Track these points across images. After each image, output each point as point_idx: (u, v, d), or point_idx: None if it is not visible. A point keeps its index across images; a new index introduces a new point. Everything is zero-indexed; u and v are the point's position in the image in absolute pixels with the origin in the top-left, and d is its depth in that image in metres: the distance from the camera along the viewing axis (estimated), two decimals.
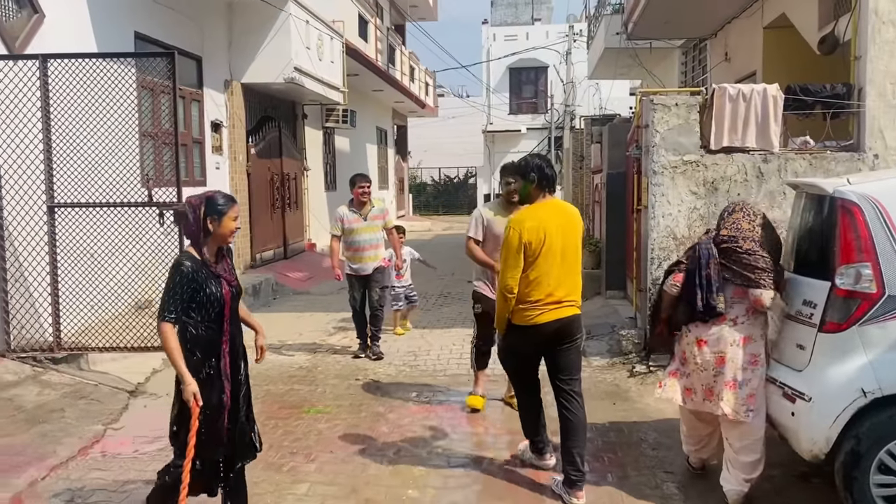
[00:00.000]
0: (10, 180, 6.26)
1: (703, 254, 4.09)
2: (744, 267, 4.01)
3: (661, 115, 6.88)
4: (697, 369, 4.16)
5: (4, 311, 6.29)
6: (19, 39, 6.91)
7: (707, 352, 4.09)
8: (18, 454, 4.79)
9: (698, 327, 4.11)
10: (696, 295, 4.04)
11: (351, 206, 7.46)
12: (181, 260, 3.49)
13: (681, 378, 4.30)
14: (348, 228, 7.36)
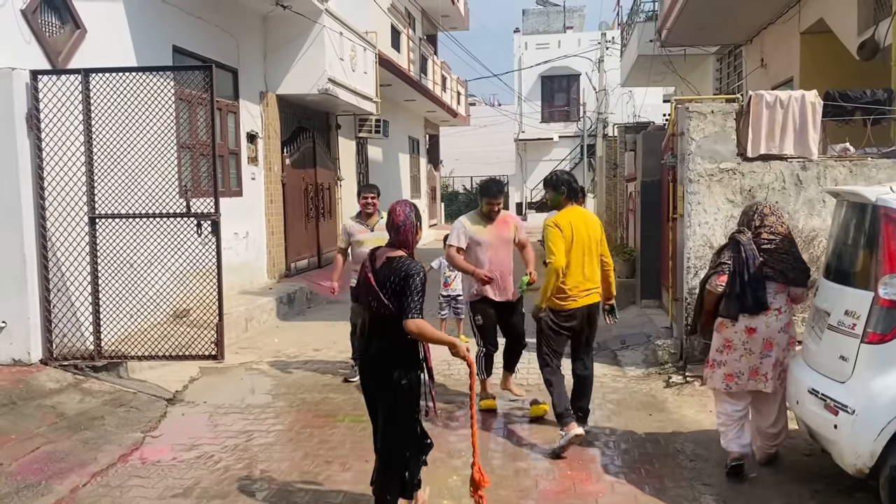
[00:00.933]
0: (52, 192, 6.41)
1: (749, 254, 4.54)
2: (786, 267, 4.54)
3: (696, 123, 6.81)
4: (746, 354, 4.61)
5: (47, 320, 6.43)
6: (62, 54, 7.08)
7: (758, 338, 4.58)
8: (61, 461, 4.88)
9: (747, 318, 4.56)
10: (746, 292, 4.51)
11: (358, 217, 7.05)
12: (421, 268, 3.78)
13: (718, 367, 4.71)
14: (355, 241, 6.88)
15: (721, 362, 4.68)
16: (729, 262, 4.57)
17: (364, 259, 4.05)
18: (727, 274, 4.55)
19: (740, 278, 4.51)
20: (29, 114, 6.32)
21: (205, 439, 5.42)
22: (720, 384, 4.71)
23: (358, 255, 6.82)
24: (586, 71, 31.08)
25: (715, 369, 4.72)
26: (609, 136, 19.03)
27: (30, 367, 6.29)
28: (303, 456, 5.07)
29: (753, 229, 4.64)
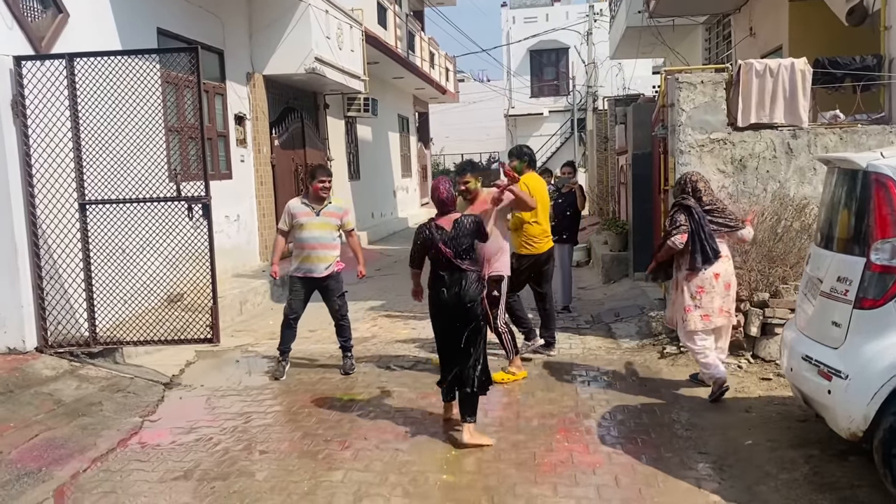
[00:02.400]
0: (41, 179, 6.36)
1: (699, 216, 5.48)
2: (725, 219, 5.59)
3: (686, 94, 6.79)
4: (717, 296, 5.51)
5: (41, 308, 6.41)
6: (45, 39, 6.98)
7: (721, 281, 5.53)
8: (60, 447, 4.89)
9: (711, 266, 5.47)
10: (705, 246, 5.43)
11: (305, 198, 6.55)
12: None
13: (695, 310, 5.54)
14: (297, 223, 6.41)
15: (697, 306, 5.52)
16: (686, 224, 5.46)
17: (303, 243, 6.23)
18: (686, 234, 5.44)
19: (698, 236, 5.44)
20: (14, 100, 6.25)
21: (203, 422, 5.43)
22: (700, 324, 5.52)
23: (299, 239, 6.45)
24: (575, 44, 30.92)
25: (691, 312, 5.53)
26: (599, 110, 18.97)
27: (25, 356, 6.29)
28: (302, 436, 5.10)
29: (691, 195, 5.60)
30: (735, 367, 6.24)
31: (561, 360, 6.76)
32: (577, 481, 4.25)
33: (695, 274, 5.49)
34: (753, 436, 4.82)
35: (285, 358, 6.58)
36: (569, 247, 8.72)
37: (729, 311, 5.62)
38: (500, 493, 4.14)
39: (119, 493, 4.29)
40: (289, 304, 6.56)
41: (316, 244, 6.42)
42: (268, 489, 4.26)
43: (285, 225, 6.54)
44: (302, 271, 6.47)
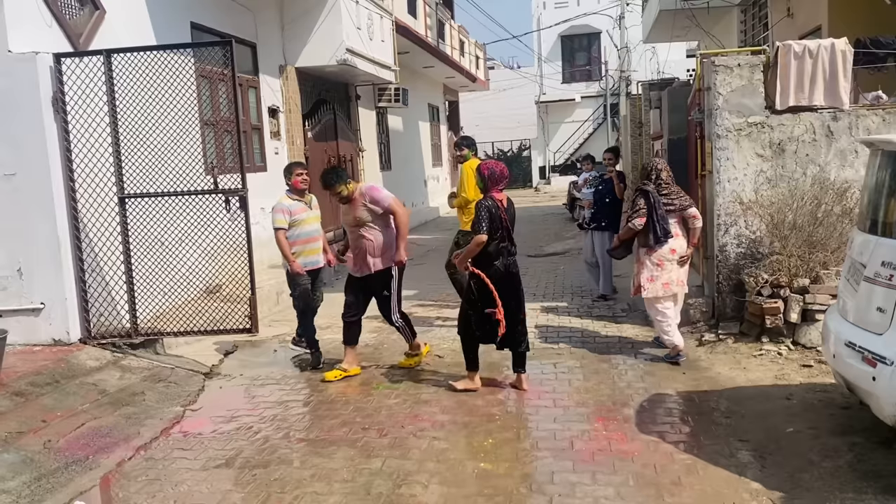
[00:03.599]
0: (81, 174, 6.48)
1: (656, 200, 6.16)
2: (680, 202, 6.25)
3: (723, 77, 6.69)
4: (675, 268, 6.25)
5: (84, 300, 6.55)
6: (83, 36, 7.11)
7: (676, 256, 6.23)
8: (105, 436, 5.01)
9: (668, 242, 6.17)
10: (657, 227, 6.13)
11: (292, 194, 6.64)
12: None
13: (657, 280, 6.24)
14: (296, 219, 6.55)
15: (658, 276, 6.24)
16: (645, 208, 6.15)
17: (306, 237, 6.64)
18: (645, 216, 6.13)
19: (651, 218, 6.13)
20: (54, 97, 6.37)
21: (243, 411, 5.52)
22: (661, 292, 6.25)
23: (301, 234, 6.60)
24: (607, 28, 30.56)
25: (654, 282, 6.25)
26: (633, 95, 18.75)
27: (70, 347, 6.44)
28: (340, 424, 5.15)
29: (653, 181, 6.26)
30: (775, 354, 6.16)
31: (597, 348, 6.72)
32: (616, 469, 4.24)
33: (653, 250, 6.19)
34: (795, 423, 4.75)
35: (317, 347, 6.72)
36: (609, 234, 8.63)
37: (682, 281, 6.39)
38: (537, 481, 4.15)
39: (163, 481, 4.38)
40: (310, 295, 6.74)
41: (317, 236, 6.79)
42: (308, 476, 4.32)
43: (284, 223, 6.53)
44: (308, 265, 6.67)
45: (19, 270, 6.45)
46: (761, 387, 5.47)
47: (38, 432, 4.90)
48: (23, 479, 4.31)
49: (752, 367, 5.96)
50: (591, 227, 8.72)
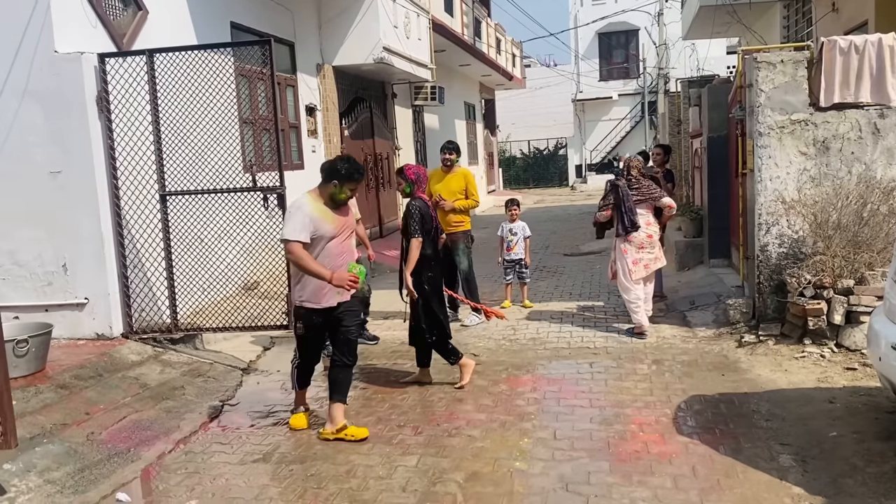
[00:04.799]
0: (124, 171, 6.61)
1: (624, 194, 7.08)
2: (649, 194, 7.18)
3: (765, 74, 6.56)
4: (652, 249, 7.15)
5: (126, 296, 6.67)
6: (126, 36, 7.24)
7: (652, 239, 7.15)
8: (146, 429, 5.10)
9: (644, 228, 7.11)
10: (625, 218, 7.04)
11: None
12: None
13: (640, 262, 7.11)
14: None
15: (640, 259, 7.11)
16: (613, 201, 7.13)
17: None
18: (611, 209, 7.17)
19: (620, 210, 7.05)
20: (99, 96, 6.50)
21: (280, 406, 5.58)
22: (643, 272, 7.12)
23: None
24: (645, 25, 30.23)
25: (637, 265, 7.09)
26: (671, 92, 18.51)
27: (112, 341, 6.57)
28: (375, 421, 5.18)
29: (625, 176, 7.26)
30: (818, 357, 6.03)
31: (634, 349, 6.66)
32: (653, 471, 4.19)
33: (629, 237, 7.08)
34: (838, 427, 4.65)
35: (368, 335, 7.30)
36: None
37: (659, 258, 7.29)
38: (574, 481, 4.12)
39: (202, 474, 4.44)
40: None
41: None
42: (344, 473, 4.35)
43: None
44: None
45: (64, 266, 6.59)
46: (803, 390, 5.36)
47: (82, 424, 5.00)
48: (67, 470, 4.41)
49: (793, 369, 5.84)
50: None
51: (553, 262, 11.93)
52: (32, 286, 6.64)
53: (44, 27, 6.32)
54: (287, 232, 4.66)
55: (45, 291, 6.64)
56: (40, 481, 4.24)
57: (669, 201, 7.28)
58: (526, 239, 8.70)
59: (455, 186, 7.83)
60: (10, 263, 6.54)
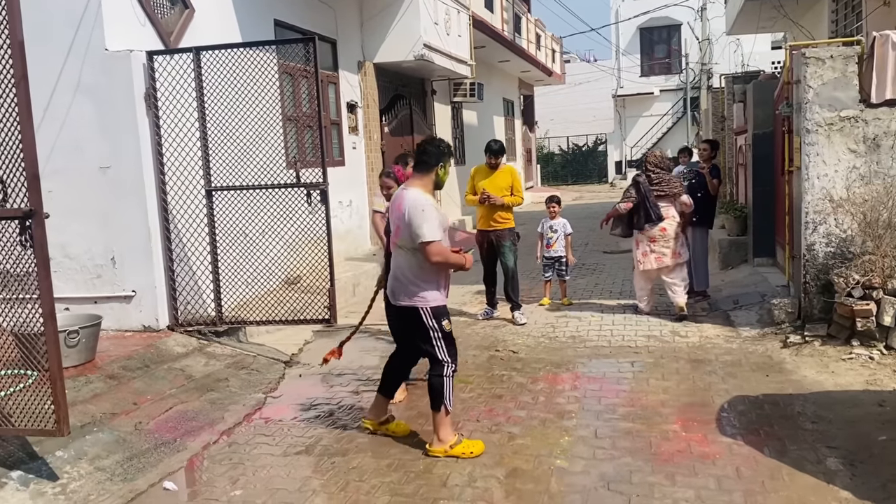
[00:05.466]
0: (171, 167, 6.74)
1: (645, 189, 7.46)
2: (669, 189, 7.50)
3: (814, 69, 6.43)
4: (665, 243, 7.50)
5: (172, 289, 6.81)
6: (174, 34, 7.38)
7: (666, 233, 7.50)
8: (192, 419, 5.20)
9: (660, 222, 7.45)
10: (647, 212, 7.44)
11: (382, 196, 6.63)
12: None
13: (650, 254, 7.56)
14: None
15: (652, 250, 7.54)
16: (634, 195, 7.48)
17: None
18: (631, 202, 7.50)
19: (643, 204, 7.44)
20: (147, 93, 6.63)
21: (322, 399, 5.64)
22: (654, 264, 7.55)
23: None
24: (688, 20, 29.74)
25: (647, 256, 7.57)
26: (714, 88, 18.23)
27: (158, 333, 6.71)
28: (417, 415, 5.21)
29: (645, 171, 7.61)
30: (866, 359, 5.90)
31: (676, 349, 6.59)
32: (696, 471, 4.14)
33: (644, 230, 7.49)
34: (888, 431, 4.54)
35: None
36: (702, 230, 8.38)
37: (678, 253, 7.56)
38: (615, 480, 4.09)
39: (246, 465, 4.52)
40: None
41: None
42: (385, 466, 4.39)
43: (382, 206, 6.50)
44: None
45: (113, 259, 6.75)
46: (851, 392, 5.25)
47: (130, 414, 5.12)
48: (116, 458, 4.53)
49: (840, 371, 5.73)
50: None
51: (592, 260, 11.85)
52: (82, 278, 6.82)
53: (95, 26, 6.47)
54: (429, 233, 4.33)
55: (95, 284, 6.81)
56: (91, 468, 4.36)
57: (686, 199, 7.59)
58: (567, 236, 8.65)
59: (502, 183, 7.79)
60: (61, 256, 6.72)
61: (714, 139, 11.52)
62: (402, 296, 4.54)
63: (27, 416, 4.20)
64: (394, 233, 4.55)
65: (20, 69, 3.83)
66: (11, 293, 4.23)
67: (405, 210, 4.39)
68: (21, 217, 3.93)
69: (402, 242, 4.49)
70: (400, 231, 4.47)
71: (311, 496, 4.08)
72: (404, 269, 4.50)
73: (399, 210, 4.46)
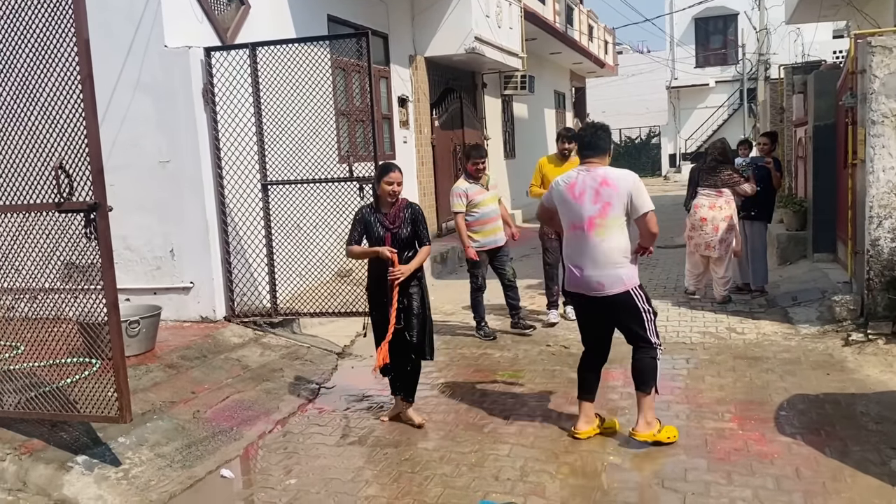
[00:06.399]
0: (228, 161, 6.87)
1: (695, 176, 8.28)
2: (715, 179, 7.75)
3: (880, 59, 6.20)
4: (705, 234, 7.71)
5: (228, 281, 6.95)
6: (230, 30, 7.51)
7: (705, 222, 7.73)
8: (248, 409, 5.31)
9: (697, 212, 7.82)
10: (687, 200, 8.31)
11: (468, 178, 7.03)
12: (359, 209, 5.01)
13: (691, 239, 7.90)
14: (473, 202, 6.92)
15: (690, 237, 7.89)
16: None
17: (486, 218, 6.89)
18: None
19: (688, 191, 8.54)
20: (205, 89, 6.77)
21: (374, 390, 5.70)
22: (692, 249, 7.91)
23: (480, 215, 6.95)
24: (745, 10, 29.01)
25: (690, 242, 7.91)
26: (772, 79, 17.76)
27: (215, 324, 6.86)
28: (467, 408, 5.22)
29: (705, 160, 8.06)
30: None
31: (732, 345, 6.45)
32: (754, 471, 4.06)
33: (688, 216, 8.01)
34: None
35: (485, 322, 7.21)
36: (760, 224, 8.17)
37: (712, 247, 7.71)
38: (670, 478, 4.04)
39: (300, 455, 4.60)
40: (483, 278, 7.13)
41: (494, 216, 7.04)
42: (437, 458, 4.41)
43: (462, 206, 6.96)
44: (487, 244, 7.02)
45: (172, 252, 6.93)
46: None
47: (189, 402, 5.25)
48: (175, 445, 4.65)
49: None
50: (740, 217, 8.23)
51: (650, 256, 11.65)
52: (143, 270, 7.01)
53: (154, 23, 6.63)
54: (650, 202, 4.43)
55: (154, 275, 6.99)
56: (151, 455, 4.49)
57: (748, 187, 7.72)
58: None
59: None
60: (122, 248, 6.91)
61: (773, 131, 11.23)
62: (614, 283, 4.36)
63: (91, 403, 4.34)
64: (599, 212, 4.34)
65: (86, 68, 3.94)
66: (76, 284, 4.37)
67: (619, 185, 4.30)
68: (86, 210, 4.05)
69: (612, 220, 4.33)
70: (609, 208, 4.31)
71: (364, 486, 4.13)
72: (613, 251, 4.35)
73: (607, 186, 4.32)
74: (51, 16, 4.03)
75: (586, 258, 4.39)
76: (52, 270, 4.45)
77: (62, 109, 4.07)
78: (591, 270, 4.39)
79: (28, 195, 4.32)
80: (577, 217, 4.41)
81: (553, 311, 7.55)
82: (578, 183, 4.42)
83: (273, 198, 6.99)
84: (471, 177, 7.03)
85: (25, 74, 4.24)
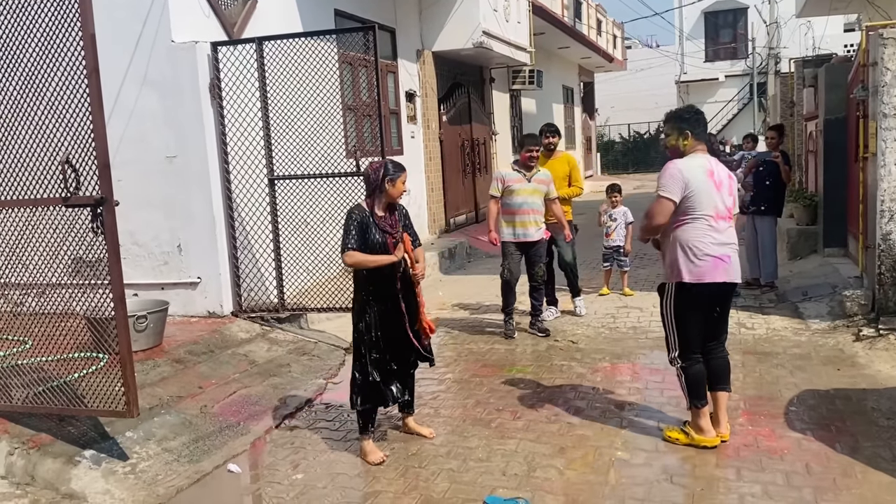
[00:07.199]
0: (235, 156, 6.86)
1: None
2: None
3: (892, 51, 6.13)
4: None
5: (235, 276, 6.96)
6: (237, 25, 7.50)
7: None
8: (255, 404, 5.31)
9: None
10: None
11: (516, 166, 6.90)
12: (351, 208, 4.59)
13: None
14: (508, 189, 6.68)
15: None
16: None
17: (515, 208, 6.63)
18: None
19: None
20: (211, 83, 6.76)
21: None
22: None
23: (510, 204, 6.71)
24: (755, 3, 28.83)
25: None
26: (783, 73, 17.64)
27: (223, 319, 6.86)
28: (474, 404, 5.20)
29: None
30: None
31: (742, 340, 6.40)
32: (763, 466, 4.02)
33: None
34: None
35: (511, 318, 6.96)
36: (769, 219, 8.11)
37: None
38: (678, 473, 4.01)
39: (308, 449, 4.59)
40: (508, 270, 6.83)
41: (528, 209, 6.73)
42: (444, 453, 4.40)
43: (497, 191, 6.79)
44: (518, 236, 6.77)
45: (179, 247, 6.93)
46: None
47: (196, 397, 5.25)
48: (183, 440, 4.65)
49: None
50: (750, 211, 8.16)
51: (654, 250, 11.59)
52: (150, 265, 7.02)
53: (161, 18, 6.63)
54: None
55: (161, 270, 7.00)
56: (159, 449, 4.49)
57: None
58: (628, 225, 8.47)
59: (559, 172, 7.38)
60: (130, 243, 6.92)
61: (780, 124, 11.14)
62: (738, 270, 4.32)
63: (99, 398, 4.34)
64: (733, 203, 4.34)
65: (92, 62, 3.93)
66: (84, 279, 4.37)
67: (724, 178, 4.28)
68: (93, 204, 4.04)
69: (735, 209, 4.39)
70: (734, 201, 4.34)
71: (371, 481, 4.12)
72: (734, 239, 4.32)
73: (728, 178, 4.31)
74: (57, 10, 4.02)
75: (730, 247, 4.28)
76: (60, 266, 4.45)
77: (69, 104, 4.07)
78: (736, 258, 4.31)
79: (35, 190, 4.31)
80: (721, 205, 4.25)
81: (552, 308, 7.55)
82: (716, 171, 4.27)
83: (280, 193, 6.98)
84: (523, 165, 6.80)
85: (32, 69, 4.23)
